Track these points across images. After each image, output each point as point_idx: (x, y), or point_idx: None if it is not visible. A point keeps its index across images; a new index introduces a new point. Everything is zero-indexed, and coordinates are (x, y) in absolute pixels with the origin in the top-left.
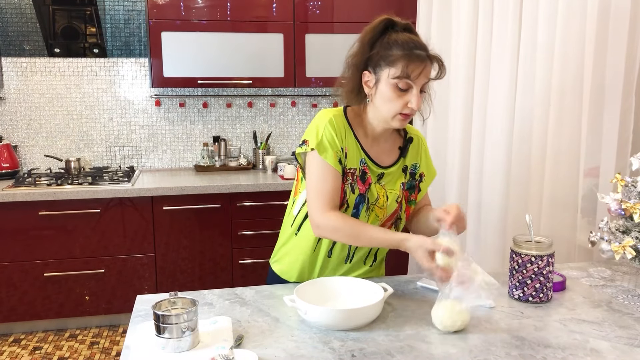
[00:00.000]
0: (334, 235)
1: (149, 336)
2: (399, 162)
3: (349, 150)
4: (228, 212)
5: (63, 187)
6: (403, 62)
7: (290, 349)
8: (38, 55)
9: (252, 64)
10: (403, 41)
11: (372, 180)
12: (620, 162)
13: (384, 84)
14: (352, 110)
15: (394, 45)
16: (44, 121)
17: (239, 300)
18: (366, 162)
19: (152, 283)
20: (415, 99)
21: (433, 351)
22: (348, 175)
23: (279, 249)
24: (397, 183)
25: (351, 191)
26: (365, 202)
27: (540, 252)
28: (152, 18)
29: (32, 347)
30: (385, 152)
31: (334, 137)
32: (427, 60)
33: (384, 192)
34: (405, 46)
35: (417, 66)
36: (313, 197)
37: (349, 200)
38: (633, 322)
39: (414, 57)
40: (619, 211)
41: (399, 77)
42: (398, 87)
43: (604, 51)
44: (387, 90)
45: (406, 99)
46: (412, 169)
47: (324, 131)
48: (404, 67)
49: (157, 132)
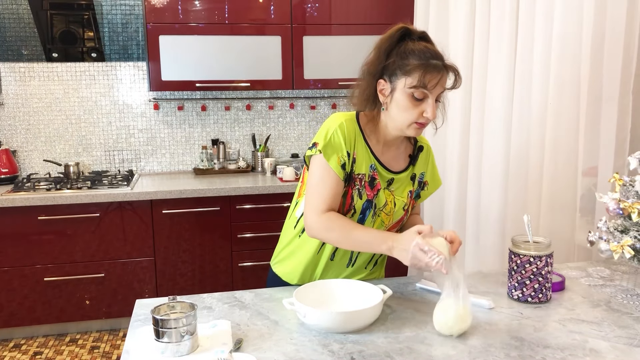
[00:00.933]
0: (324, 236)
1: (149, 340)
2: (408, 170)
3: (358, 156)
4: (227, 215)
5: (62, 191)
6: (420, 72)
7: (290, 352)
8: (36, 60)
9: (250, 67)
10: (420, 50)
11: (381, 186)
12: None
13: (400, 93)
14: (365, 116)
15: (410, 55)
16: (43, 126)
17: (238, 303)
18: (376, 167)
19: (152, 287)
20: (430, 109)
21: (432, 353)
22: (356, 180)
23: (281, 250)
24: (405, 190)
25: (359, 197)
26: (372, 208)
27: (538, 252)
28: (149, 22)
29: (33, 352)
30: (396, 159)
31: (341, 142)
32: (443, 70)
33: (392, 199)
34: (422, 56)
35: (434, 76)
36: (310, 198)
37: (355, 205)
38: (632, 321)
39: (431, 67)
40: (617, 210)
41: (415, 86)
42: (414, 96)
43: (601, 51)
44: (403, 99)
45: (422, 108)
46: (420, 177)
47: (332, 135)
48: (421, 76)
49: (156, 136)
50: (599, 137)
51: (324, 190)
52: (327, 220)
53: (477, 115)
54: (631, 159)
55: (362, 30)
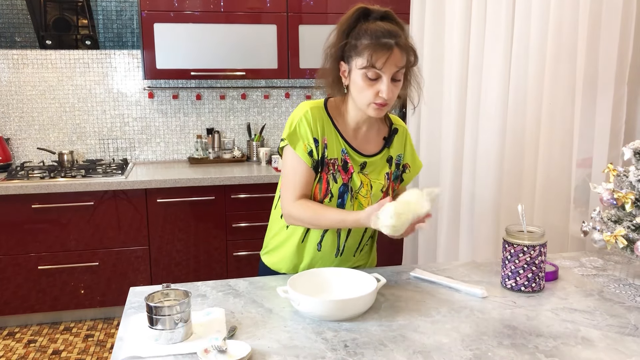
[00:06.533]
0: (300, 221)
1: (142, 328)
2: (382, 152)
3: (329, 141)
4: (222, 205)
5: (56, 180)
6: (368, 52)
7: (284, 340)
8: (29, 47)
9: (245, 56)
10: (372, 30)
11: (354, 170)
12: (613, 152)
13: (355, 74)
14: (334, 101)
15: (363, 35)
16: (36, 114)
17: (232, 291)
18: (347, 151)
19: (147, 276)
20: (385, 88)
21: (425, 341)
22: (329, 165)
23: (269, 241)
24: (382, 173)
25: (334, 181)
26: (349, 192)
27: (532, 242)
28: (144, 9)
29: (27, 340)
30: (369, 142)
31: (306, 130)
32: (393, 48)
33: (368, 182)
34: (373, 35)
35: (382, 55)
36: (284, 188)
37: (332, 190)
38: (624, 310)
39: (379, 46)
40: (611, 201)
41: (365, 67)
42: (367, 76)
43: (596, 41)
44: (359, 80)
45: (377, 88)
46: (397, 159)
47: (297, 124)
48: (369, 56)
49: (151, 125)
50: (593, 128)
51: (295, 178)
52: (299, 206)
53: (472, 107)
54: (625, 150)
55: None
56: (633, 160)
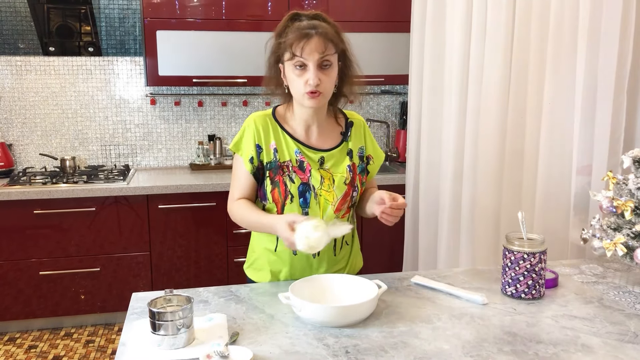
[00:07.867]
0: (236, 221)
1: (145, 333)
2: (341, 145)
3: (279, 145)
4: (223, 211)
5: (58, 185)
6: (290, 43)
7: (285, 346)
8: (33, 54)
9: (247, 63)
10: (296, 27)
11: (311, 167)
12: (612, 160)
13: (287, 69)
14: (282, 107)
15: (289, 32)
16: (39, 120)
17: (234, 297)
18: (301, 150)
19: (148, 281)
20: (312, 75)
21: (426, 347)
22: (283, 168)
23: (250, 254)
24: (343, 165)
25: (291, 182)
26: (311, 190)
27: (532, 249)
28: (147, 17)
29: (28, 346)
30: (326, 138)
31: (248, 139)
32: (313, 36)
33: (330, 176)
34: (295, 30)
35: (302, 43)
36: (230, 190)
37: (291, 190)
38: (624, 318)
39: (300, 37)
40: (610, 208)
41: (290, 58)
42: (296, 67)
43: (596, 50)
44: (290, 73)
45: (305, 77)
46: (360, 152)
47: (241, 134)
48: (291, 47)
49: (153, 131)
50: (593, 136)
51: (235, 181)
52: (236, 206)
53: (472, 113)
54: (625, 158)
55: (359, 28)
56: (632, 168)
